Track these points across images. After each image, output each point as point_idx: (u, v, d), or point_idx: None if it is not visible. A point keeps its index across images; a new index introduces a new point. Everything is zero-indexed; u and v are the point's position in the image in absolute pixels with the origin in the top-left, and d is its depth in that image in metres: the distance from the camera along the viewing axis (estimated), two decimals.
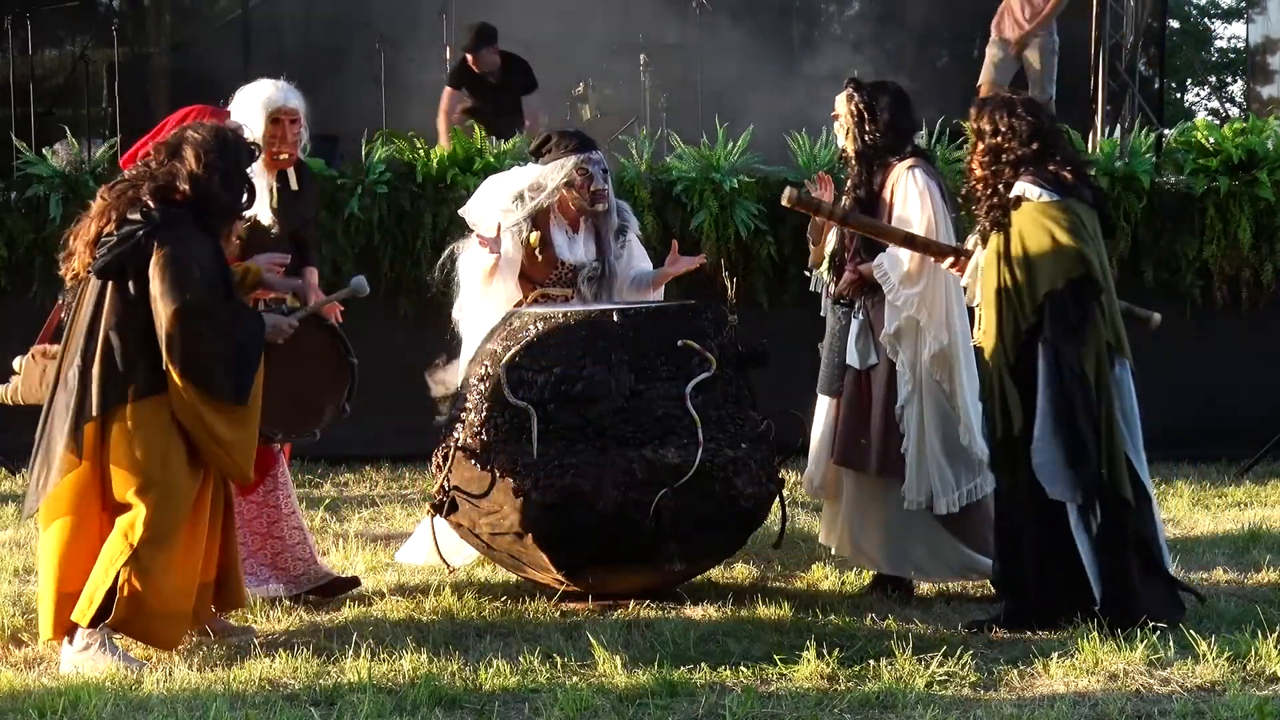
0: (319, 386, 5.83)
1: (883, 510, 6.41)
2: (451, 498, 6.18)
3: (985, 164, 5.89)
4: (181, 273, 5.34)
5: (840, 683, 5.18)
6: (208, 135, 5.55)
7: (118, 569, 5.34)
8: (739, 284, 6.79)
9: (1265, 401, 9.89)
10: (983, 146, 5.90)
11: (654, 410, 6.04)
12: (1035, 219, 5.76)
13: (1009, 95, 6.06)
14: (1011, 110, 5.88)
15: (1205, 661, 5.29)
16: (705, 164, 9.87)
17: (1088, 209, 5.85)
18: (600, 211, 6.76)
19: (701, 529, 6.08)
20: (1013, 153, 5.83)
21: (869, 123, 6.34)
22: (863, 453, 6.37)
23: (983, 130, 5.91)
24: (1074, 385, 5.67)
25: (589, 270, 6.76)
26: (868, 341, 6.37)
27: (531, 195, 6.72)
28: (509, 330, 6.25)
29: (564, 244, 6.78)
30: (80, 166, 9.79)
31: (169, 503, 5.38)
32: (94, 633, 5.38)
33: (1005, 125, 5.85)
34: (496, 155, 9.85)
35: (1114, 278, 6.09)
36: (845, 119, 6.41)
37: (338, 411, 5.87)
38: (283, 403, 5.74)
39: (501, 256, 6.65)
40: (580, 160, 6.73)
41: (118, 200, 5.49)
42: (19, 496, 8.69)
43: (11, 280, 9.78)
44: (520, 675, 5.23)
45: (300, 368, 5.78)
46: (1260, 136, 10.05)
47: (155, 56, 14.11)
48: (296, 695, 5.07)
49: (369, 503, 8.60)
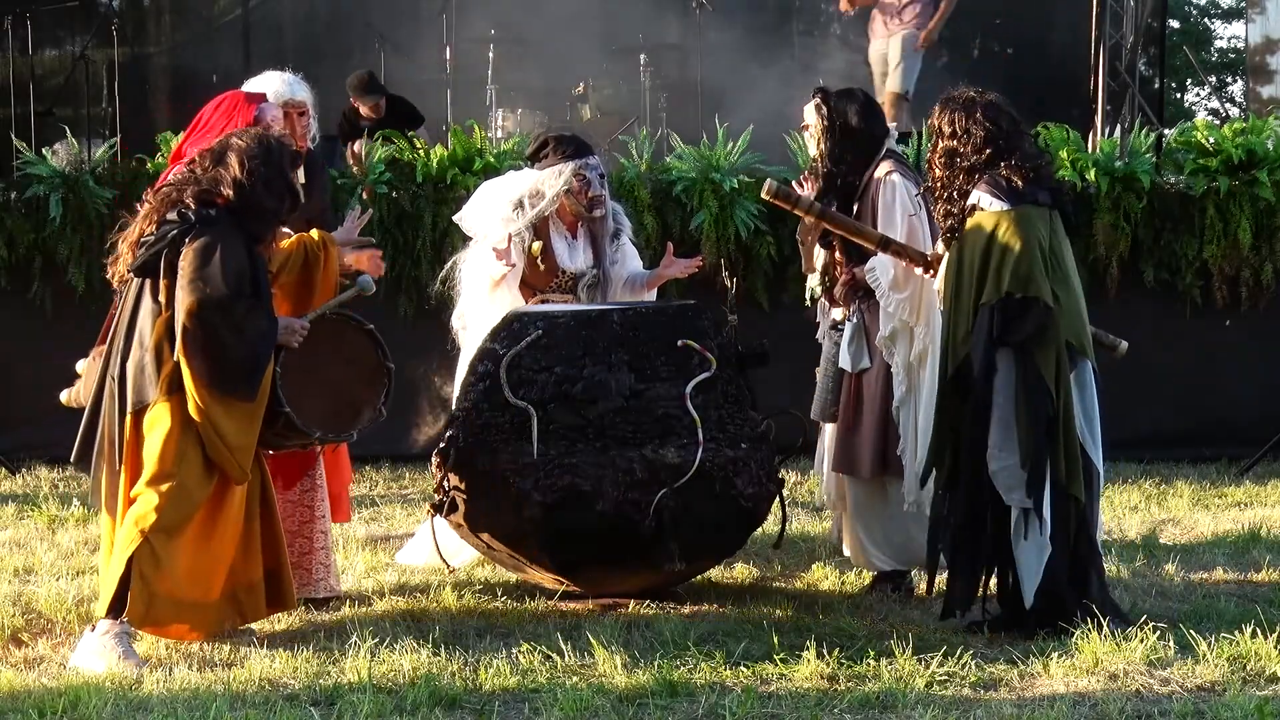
0: (358, 389, 5.89)
1: (884, 508, 6.43)
2: (451, 498, 6.18)
3: (942, 164, 5.86)
4: (206, 266, 5.46)
5: (840, 683, 5.18)
6: (252, 142, 5.66)
7: (129, 556, 5.40)
8: (739, 284, 6.79)
9: (1265, 401, 9.90)
10: (941, 147, 5.86)
11: (654, 410, 6.04)
12: (985, 229, 5.72)
13: (971, 95, 5.94)
14: (970, 113, 5.83)
15: (1205, 662, 5.29)
16: (705, 164, 9.87)
17: (1044, 211, 5.79)
18: (598, 217, 6.75)
19: (701, 529, 6.08)
20: (966, 158, 5.79)
21: (839, 131, 6.35)
22: (857, 457, 6.39)
23: (941, 130, 5.88)
24: (1028, 391, 5.65)
25: (589, 278, 6.75)
26: (861, 345, 6.40)
27: (532, 203, 6.70)
28: (509, 330, 6.25)
29: (564, 251, 6.77)
30: (80, 166, 9.78)
31: (182, 494, 5.46)
32: (114, 623, 5.44)
33: (961, 128, 5.81)
34: (496, 155, 9.86)
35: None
36: (815, 129, 6.44)
37: (375, 414, 5.92)
38: (325, 403, 5.82)
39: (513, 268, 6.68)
40: (578, 166, 6.72)
41: (161, 204, 5.63)
42: (19, 496, 8.69)
43: (11, 280, 9.78)
44: (520, 675, 5.23)
45: (342, 370, 5.87)
46: (1260, 136, 10.05)
47: (155, 56, 14.10)
48: (296, 695, 5.07)
49: (369, 503, 8.60)
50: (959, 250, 5.80)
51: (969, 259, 5.75)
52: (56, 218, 9.54)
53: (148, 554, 5.41)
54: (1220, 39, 26.10)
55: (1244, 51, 20.92)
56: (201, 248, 5.49)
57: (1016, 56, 14.30)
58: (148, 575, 5.41)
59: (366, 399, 5.91)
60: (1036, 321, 5.66)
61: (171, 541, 5.45)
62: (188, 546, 5.49)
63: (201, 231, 5.51)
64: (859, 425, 6.41)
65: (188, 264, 5.47)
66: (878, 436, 6.35)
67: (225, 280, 5.46)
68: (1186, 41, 22.54)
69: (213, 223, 5.54)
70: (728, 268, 7.26)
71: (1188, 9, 25.10)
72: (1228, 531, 7.71)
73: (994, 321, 5.66)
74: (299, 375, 5.70)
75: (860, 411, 6.42)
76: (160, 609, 5.47)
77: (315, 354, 5.74)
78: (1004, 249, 5.68)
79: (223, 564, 5.61)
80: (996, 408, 5.67)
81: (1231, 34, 25.97)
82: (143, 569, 5.40)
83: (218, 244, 5.50)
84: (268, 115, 6.37)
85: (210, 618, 5.61)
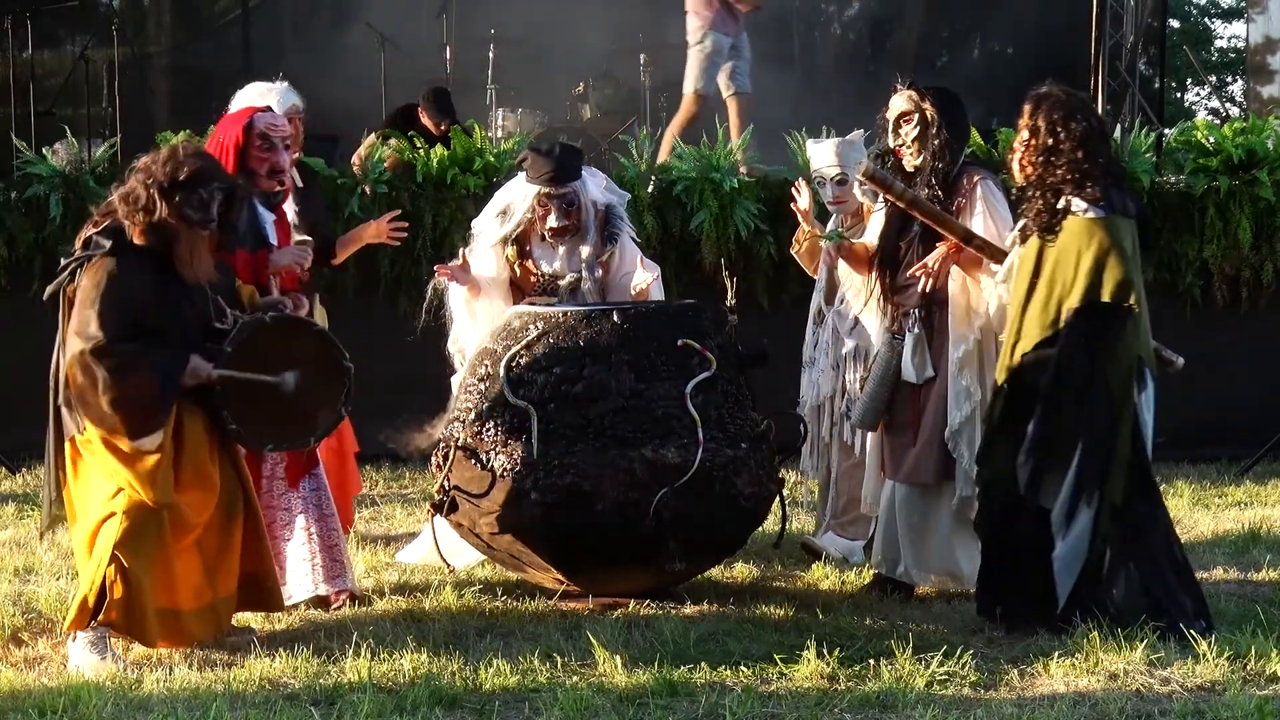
0: (311, 394, 5.68)
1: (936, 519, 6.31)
2: (452, 497, 6.18)
3: (1037, 164, 5.77)
4: (88, 308, 5.28)
5: (840, 682, 5.18)
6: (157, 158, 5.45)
7: (104, 572, 5.34)
8: (739, 284, 6.78)
9: (1265, 401, 9.90)
10: (1036, 144, 5.77)
11: (654, 410, 6.04)
12: (1080, 234, 5.67)
13: (1065, 93, 5.85)
14: (1069, 112, 5.74)
15: (1205, 661, 5.29)
16: (705, 164, 9.87)
17: (1130, 223, 5.76)
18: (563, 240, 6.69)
19: (701, 529, 6.08)
20: (1064, 155, 5.71)
21: (944, 128, 6.20)
22: (921, 465, 6.28)
23: (1037, 127, 5.77)
24: (1095, 401, 5.62)
25: (569, 282, 6.71)
26: (925, 355, 6.28)
27: (507, 216, 6.71)
28: (509, 330, 6.25)
29: (542, 255, 6.73)
30: (80, 166, 9.78)
31: (138, 503, 5.36)
32: (92, 633, 5.39)
33: (1062, 125, 5.72)
34: (496, 156, 9.86)
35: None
36: (917, 122, 6.26)
37: (334, 416, 5.80)
38: (279, 413, 5.63)
39: (480, 278, 6.66)
40: (540, 194, 6.66)
41: (100, 213, 5.50)
42: (19, 496, 8.70)
43: (11, 280, 9.78)
44: (520, 675, 5.23)
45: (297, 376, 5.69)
46: (1260, 136, 10.05)
47: (155, 56, 14.12)
48: (297, 695, 5.07)
49: (369, 502, 8.60)
50: (1039, 250, 5.74)
51: (1055, 260, 5.69)
52: (56, 217, 9.54)
53: (119, 568, 5.32)
54: (1220, 39, 26.15)
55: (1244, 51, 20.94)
56: (92, 284, 5.31)
57: (1016, 56, 14.32)
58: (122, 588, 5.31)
59: (324, 403, 5.74)
60: (1122, 329, 5.65)
61: (140, 553, 5.34)
62: (158, 558, 5.40)
63: (100, 262, 5.33)
64: (920, 433, 6.29)
65: (78, 302, 5.31)
66: (935, 440, 6.24)
67: (106, 324, 5.26)
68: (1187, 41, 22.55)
69: (116, 251, 5.35)
70: (728, 267, 7.25)
71: (1188, 9, 25.11)
72: (1228, 531, 7.71)
73: (1087, 326, 5.63)
74: (243, 389, 5.51)
75: (922, 419, 6.29)
76: (134, 619, 5.37)
77: (264, 365, 5.55)
78: (1100, 255, 5.64)
79: (197, 573, 5.53)
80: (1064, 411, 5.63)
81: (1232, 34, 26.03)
82: (117, 582, 5.31)
83: (113, 278, 5.30)
84: (261, 124, 6.27)
85: (179, 627, 5.52)
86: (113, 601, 5.33)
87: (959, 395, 6.20)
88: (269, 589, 5.78)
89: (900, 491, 6.35)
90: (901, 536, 6.34)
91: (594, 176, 6.91)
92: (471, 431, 6.14)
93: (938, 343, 6.29)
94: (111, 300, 5.31)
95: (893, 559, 6.38)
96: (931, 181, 6.23)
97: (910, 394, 6.34)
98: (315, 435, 5.80)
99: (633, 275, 6.74)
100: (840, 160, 7.18)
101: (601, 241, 6.74)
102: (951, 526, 6.29)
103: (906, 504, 6.34)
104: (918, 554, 6.33)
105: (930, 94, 6.30)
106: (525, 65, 13.38)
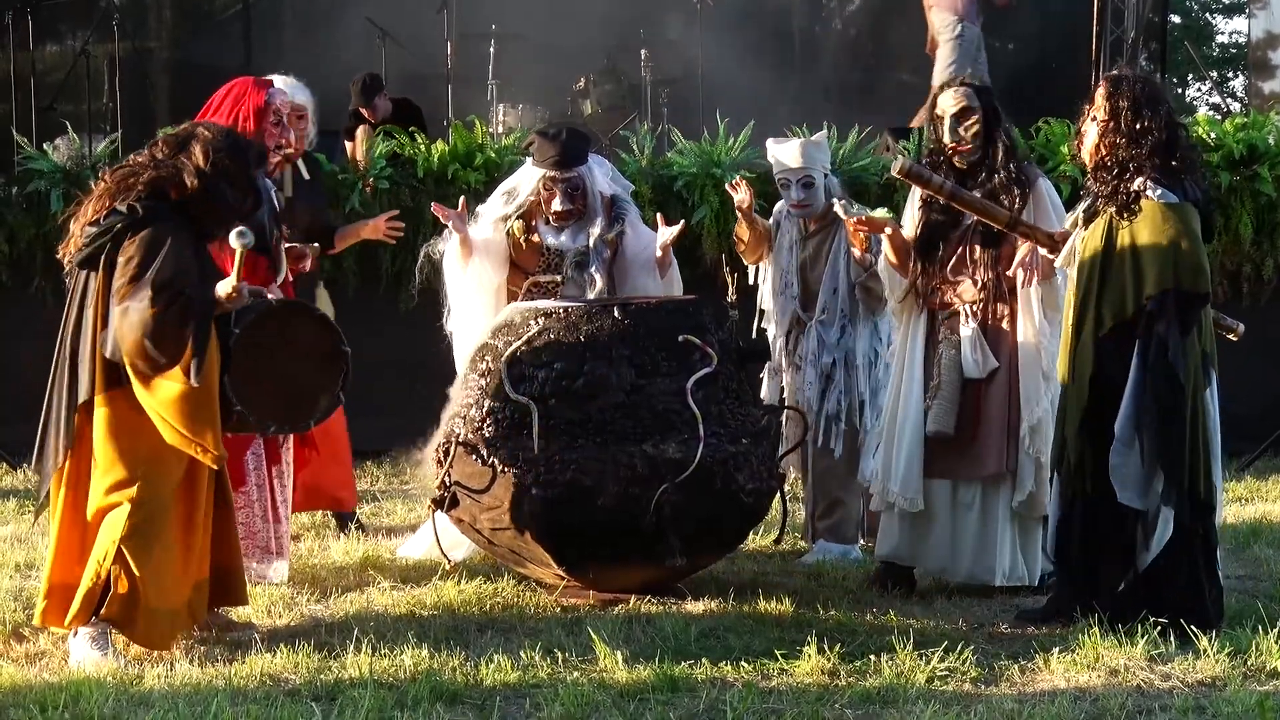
0: (311, 377, 5.72)
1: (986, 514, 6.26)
2: (453, 493, 6.18)
3: (1118, 145, 5.65)
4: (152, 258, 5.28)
5: (841, 678, 5.18)
6: (219, 134, 5.53)
7: (108, 568, 5.33)
8: (740, 279, 6.78)
9: (1266, 397, 9.89)
10: (1116, 126, 5.66)
11: (655, 405, 6.04)
12: (1154, 219, 5.59)
13: (1145, 76, 5.73)
14: (1154, 95, 5.66)
15: (1206, 657, 5.29)
16: (706, 159, 9.87)
17: (1196, 213, 5.68)
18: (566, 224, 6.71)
19: (702, 524, 6.08)
20: (1149, 138, 5.61)
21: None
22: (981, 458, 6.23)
23: (1119, 109, 5.65)
24: (1170, 392, 5.55)
25: (574, 256, 6.72)
26: (984, 349, 6.20)
27: (513, 196, 6.74)
28: (510, 326, 6.25)
29: (548, 232, 6.75)
30: (81, 161, 9.79)
31: (149, 496, 5.35)
32: (93, 628, 5.39)
33: (1149, 109, 5.63)
34: (497, 151, 9.86)
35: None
36: (979, 119, 6.20)
37: (333, 400, 5.83)
38: (279, 395, 5.68)
39: (478, 240, 6.69)
40: (545, 178, 6.69)
41: (116, 185, 5.46)
42: (20, 492, 8.70)
43: (13, 275, 9.79)
44: (521, 670, 5.23)
45: (290, 360, 5.70)
46: (1261, 132, 10.06)
47: (156, 51, 14.12)
48: (298, 690, 5.07)
49: (370, 498, 8.60)
50: (1112, 233, 5.64)
51: (1128, 245, 5.61)
52: (57, 213, 9.52)
53: (123, 564, 5.31)
54: (1222, 34, 26.13)
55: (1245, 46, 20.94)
56: (147, 240, 5.31)
57: (1018, 51, 14.33)
58: (127, 584, 5.30)
59: (323, 387, 5.77)
60: (1199, 319, 5.60)
61: (146, 549, 5.33)
62: (163, 553, 5.39)
63: (147, 225, 5.35)
64: (983, 427, 6.22)
65: (132, 257, 5.30)
66: (1000, 432, 6.20)
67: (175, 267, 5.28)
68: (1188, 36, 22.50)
69: (160, 218, 5.38)
70: (729, 263, 7.24)
71: (1189, 4, 25.09)
72: (1229, 527, 7.70)
73: (1169, 313, 5.53)
74: (249, 372, 5.54)
75: (982, 414, 6.23)
76: (137, 618, 5.36)
77: (264, 349, 5.58)
78: (1177, 241, 5.56)
79: (191, 567, 5.52)
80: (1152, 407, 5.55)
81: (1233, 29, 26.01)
82: (122, 578, 5.30)
83: (165, 238, 5.32)
84: (277, 100, 6.36)
85: (179, 625, 5.52)
86: (115, 597, 5.33)
87: (1033, 390, 6.15)
88: (235, 583, 5.75)
89: (960, 490, 6.28)
90: (954, 535, 6.27)
91: (601, 166, 6.92)
92: (472, 427, 6.14)
93: (993, 336, 6.23)
94: (173, 255, 5.31)
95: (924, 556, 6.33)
96: (1000, 177, 6.18)
97: (973, 390, 6.26)
98: (315, 417, 5.83)
99: (650, 248, 6.75)
100: (805, 161, 7.01)
101: (609, 224, 6.76)
102: (1013, 523, 6.24)
103: (963, 502, 6.27)
104: (971, 552, 6.25)
105: (981, 91, 6.29)
106: (526, 60, 13.39)
